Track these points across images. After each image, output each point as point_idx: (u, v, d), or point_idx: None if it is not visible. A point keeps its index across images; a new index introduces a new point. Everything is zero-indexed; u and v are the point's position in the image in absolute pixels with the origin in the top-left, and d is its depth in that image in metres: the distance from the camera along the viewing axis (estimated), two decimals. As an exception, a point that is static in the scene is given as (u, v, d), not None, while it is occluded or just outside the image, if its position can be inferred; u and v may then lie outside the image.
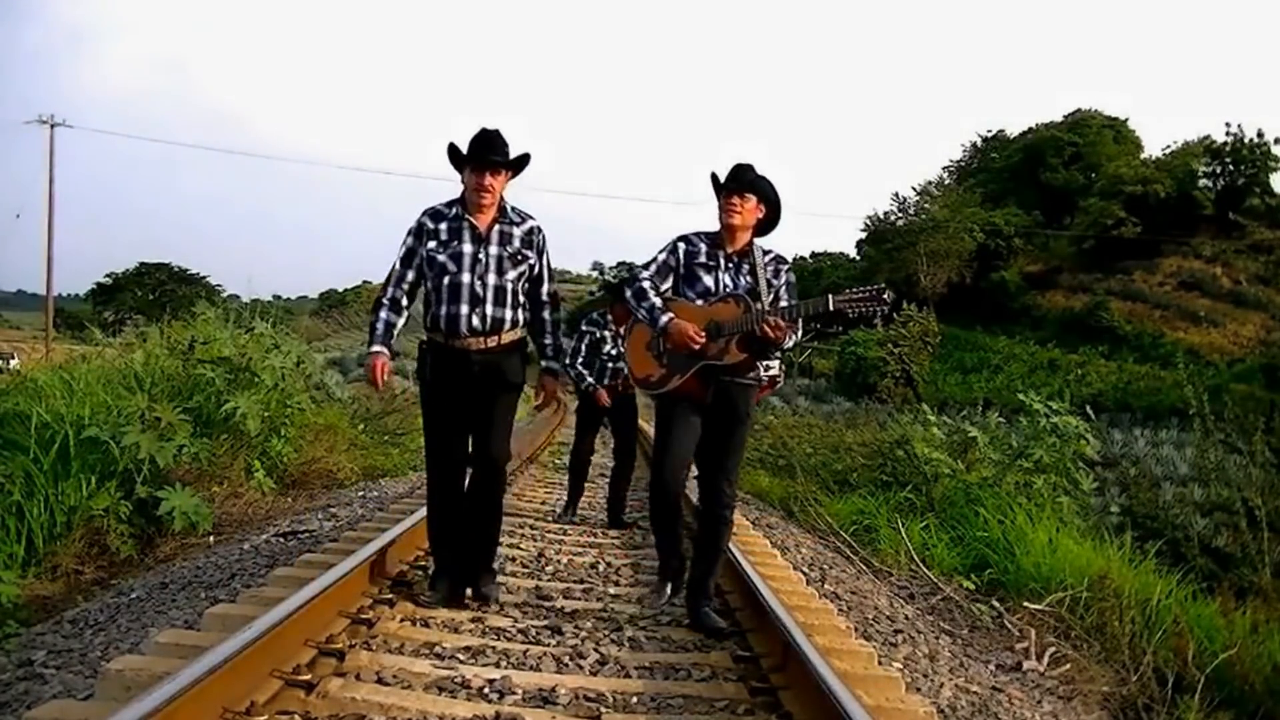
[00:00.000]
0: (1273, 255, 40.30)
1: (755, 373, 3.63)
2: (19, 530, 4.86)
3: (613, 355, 6.16)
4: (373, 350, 3.60)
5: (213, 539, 5.55)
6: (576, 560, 4.93)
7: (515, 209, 3.69)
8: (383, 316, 3.65)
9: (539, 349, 3.81)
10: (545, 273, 3.74)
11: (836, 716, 2.37)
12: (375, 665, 2.87)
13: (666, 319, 3.53)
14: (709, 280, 3.60)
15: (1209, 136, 44.31)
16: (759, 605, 3.40)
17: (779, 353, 3.65)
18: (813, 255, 57.08)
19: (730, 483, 3.64)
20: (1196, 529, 9.76)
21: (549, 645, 3.33)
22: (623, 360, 5.90)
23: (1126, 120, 50.42)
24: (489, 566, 3.78)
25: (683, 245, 3.68)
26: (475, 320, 3.53)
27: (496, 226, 3.61)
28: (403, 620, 3.41)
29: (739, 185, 3.58)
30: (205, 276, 48.44)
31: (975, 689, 3.63)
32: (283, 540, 5.12)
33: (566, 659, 3.16)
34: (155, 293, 45.21)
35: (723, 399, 3.57)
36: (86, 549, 5.06)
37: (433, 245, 3.58)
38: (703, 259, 3.63)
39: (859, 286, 3.35)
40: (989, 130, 55.33)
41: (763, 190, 3.60)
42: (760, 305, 3.45)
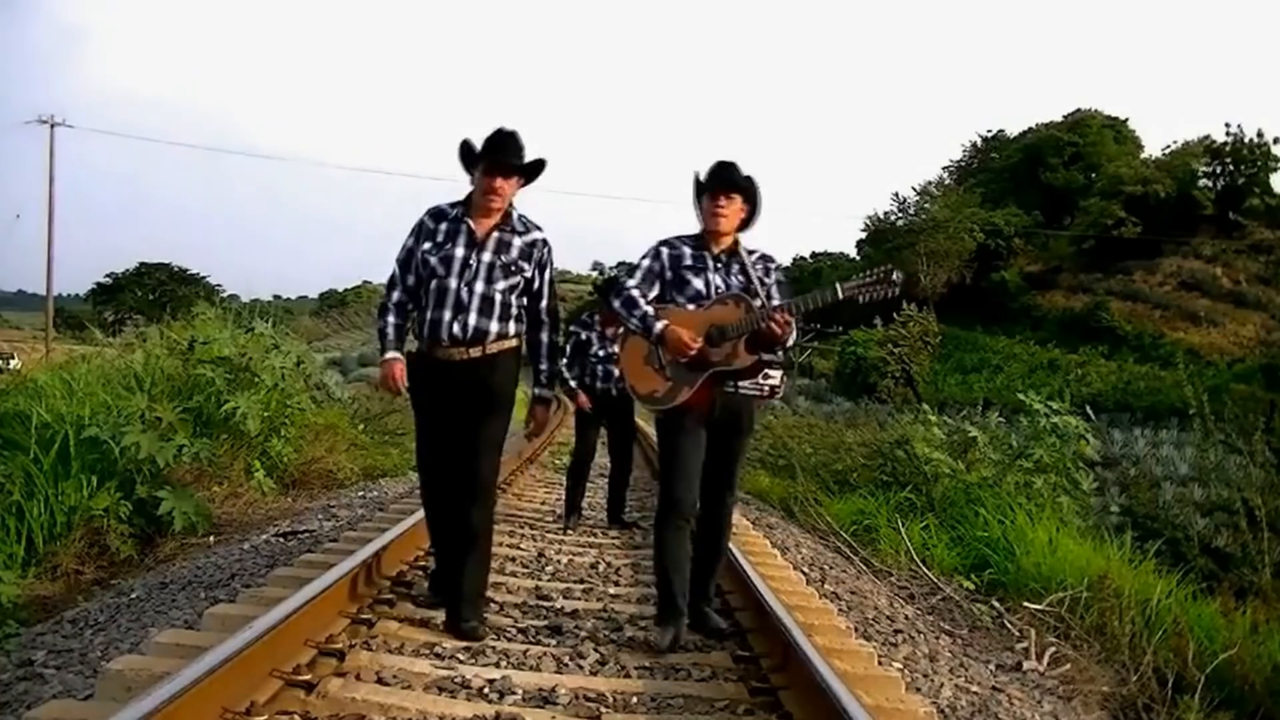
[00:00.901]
0: (1273, 255, 40.31)
1: (759, 380, 3.51)
2: (19, 530, 4.86)
3: (600, 356, 5.95)
4: (386, 358, 3.44)
5: (213, 539, 5.55)
6: (576, 560, 4.93)
7: (524, 218, 3.46)
8: (390, 321, 3.48)
9: (534, 375, 3.54)
10: (544, 289, 3.49)
11: (836, 716, 2.37)
12: (375, 665, 2.87)
13: (661, 327, 3.33)
14: (698, 283, 3.44)
15: (1209, 136, 44.40)
16: (759, 605, 3.40)
17: (782, 351, 3.61)
18: (813, 255, 57.16)
19: (732, 489, 3.57)
20: (1196, 529, 9.76)
21: (549, 645, 3.33)
22: (610, 362, 5.82)
23: (1126, 120, 50.52)
24: (471, 600, 3.36)
25: (665, 250, 3.51)
26: (456, 328, 3.29)
27: (496, 233, 3.38)
28: (403, 620, 3.41)
29: (725, 185, 3.43)
30: (205, 276, 48.49)
31: (975, 689, 3.63)
32: (283, 540, 5.12)
33: (566, 659, 3.16)
34: (155, 293, 45.20)
35: (727, 410, 3.43)
36: (86, 549, 5.06)
37: (428, 246, 3.37)
38: (689, 261, 3.47)
39: (865, 272, 3.27)
40: (989, 130, 55.43)
41: (747, 189, 3.46)
42: (761, 304, 3.33)
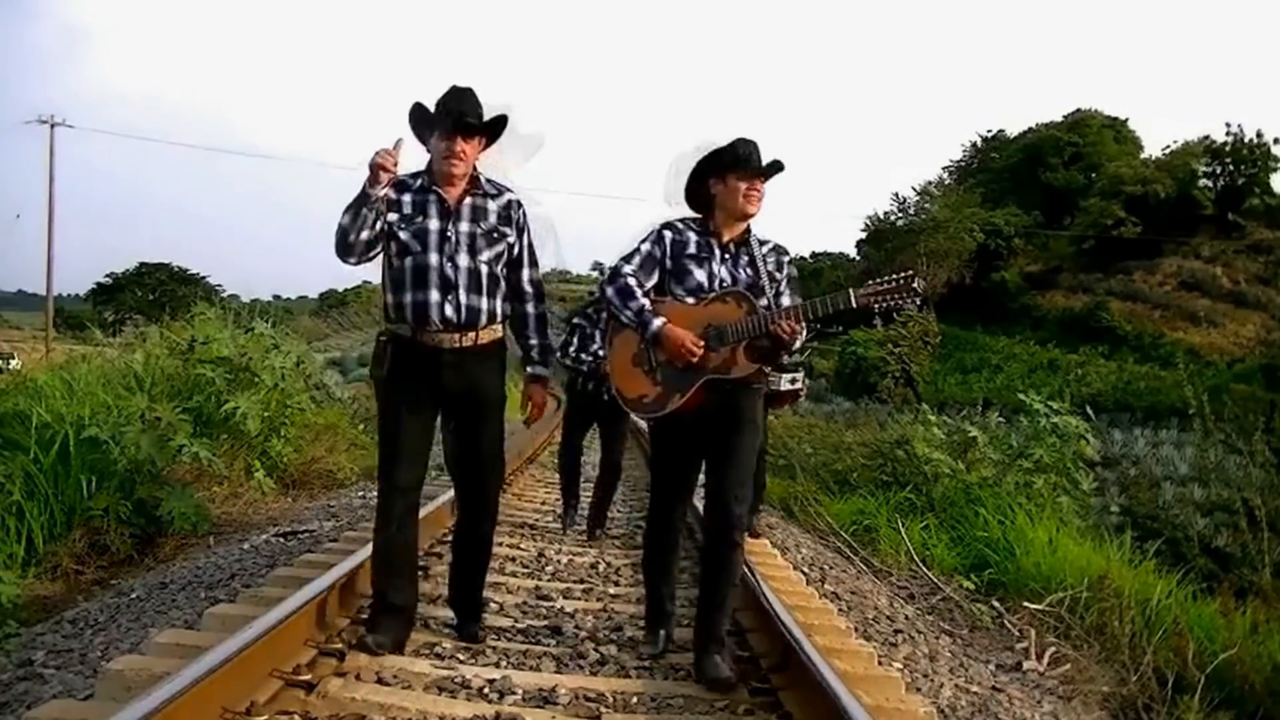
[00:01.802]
0: (1273, 255, 40.29)
1: (762, 379, 3.18)
2: (19, 530, 4.86)
3: (600, 356, 5.62)
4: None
5: (213, 539, 5.55)
6: (576, 560, 4.93)
7: (490, 180, 3.17)
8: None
9: (523, 350, 3.24)
10: (526, 255, 3.19)
11: (836, 716, 2.37)
12: (375, 665, 2.87)
13: (658, 325, 2.99)
14: (701, 274, 3.08)
15: (1209, 136, 44.29)
16: (759, 605, 3.40)
17: (788, 356, 3.25)
18: (813, 255, 57.04)
19: (739, 500, 3.02)
20: (1196, 529, 9.76)
21: (549, 645, 3.33)
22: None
23: (1126, 120, 50.37)
24: (474, 612, 3.30)
25: (669, 234, 3.14)
26: (449, 310, 2.98)
27: (468, 199, 3.07)
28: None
29: (766, 170, 3.05)
30: (205, 276, 48.41)
31: (975, 689, 3.63)
32: (283, 540, 5.12)
33: (566, 659, 3.17)
34: (155, 293, 45.13)
35: (724, 404, 3.04)
36: (86, 549, 5.06)
37: (394, 218, 3.02)
38: (692, 249, 3.10)
39: (883, 278, 2.86)
40: (989, 130, 55.26)
41: (774, 175, 3.09)
42: (768, 303, 2.99)
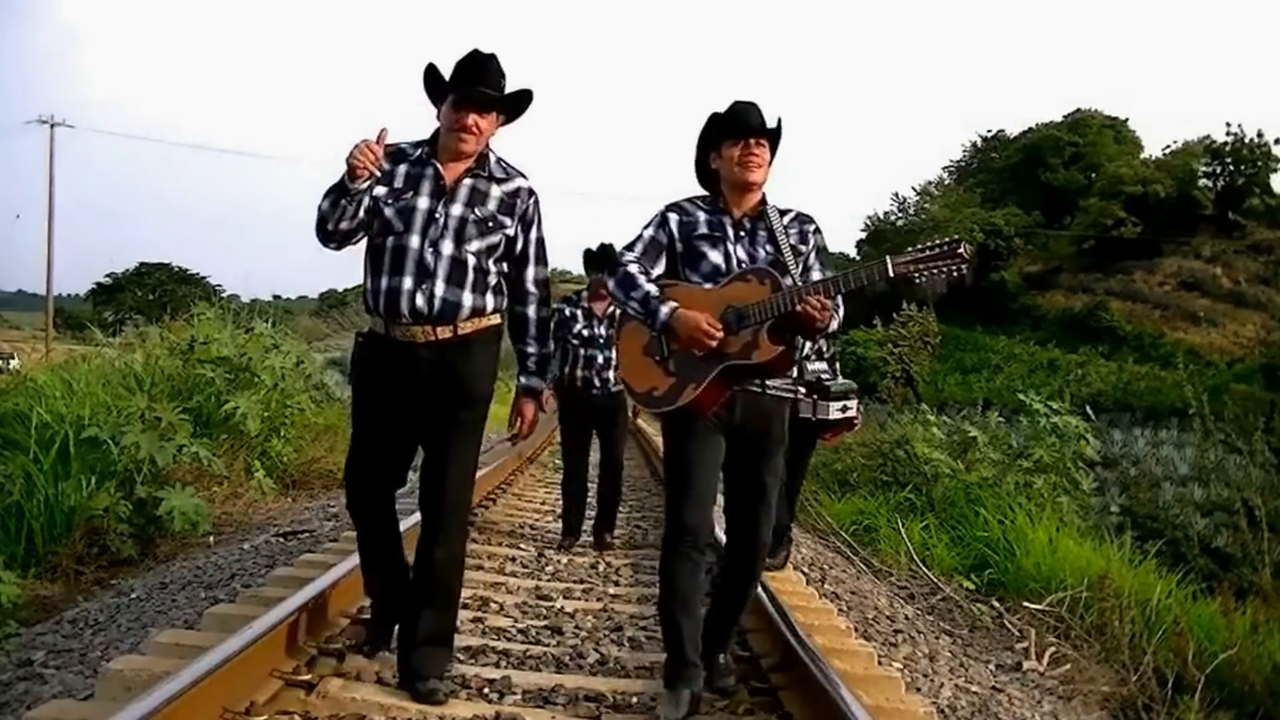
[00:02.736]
0: (1273, 255, 40.31)
1: (791, 376, 2.85)
2: (19, 530, 4.86)
3: (584, 337, 5.10)
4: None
5: (213, 539, 5.56)
6: (576, 560, 4.93)
7: (502, 162, 2.81)
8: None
9: (518, 358, 2.90)
10: (533, 251, 2.82)
11: (836, 716, 2.37)
12: (375, 665, 2.86)
13: (668, 310, 2.66)
14: (716, 256, 2.76)
15: (1209, 136, 44.33)
16: (759, 605, 3.40)
17: (821, 340, 2.89)
18: (813, 255, 57.01)
19: (768, 511, 2.79)
20: (1196, 529, 9.75)
21: (549, 645, 3.33)
22: (597, 347, 5.11)
23: (1126, 120, 50.32)
24: (430, 651, 2.72)
25: (675, 216, 2.84)
26: (419, 300, 2.63)
27: (468, 180, 2.72)
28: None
29: (761, 130, 2.76)
30: (205, 277, 48.38)
31: (975, 689, 3.62)
32: (283, 540, 5.12)
33: (566, 659, 3.16)
34: (155, 293, 45.11)
35: (751, 416, 2.72)
36: (86, 549, 5.06)
37: (382, 192, 2.69)
38: (703, 230, 2.79)
39: (926, 244, 2.49)
40: (989, 130, 55.22)
41: (776, 137, 2.81)
42: (792, 279, 2.66)
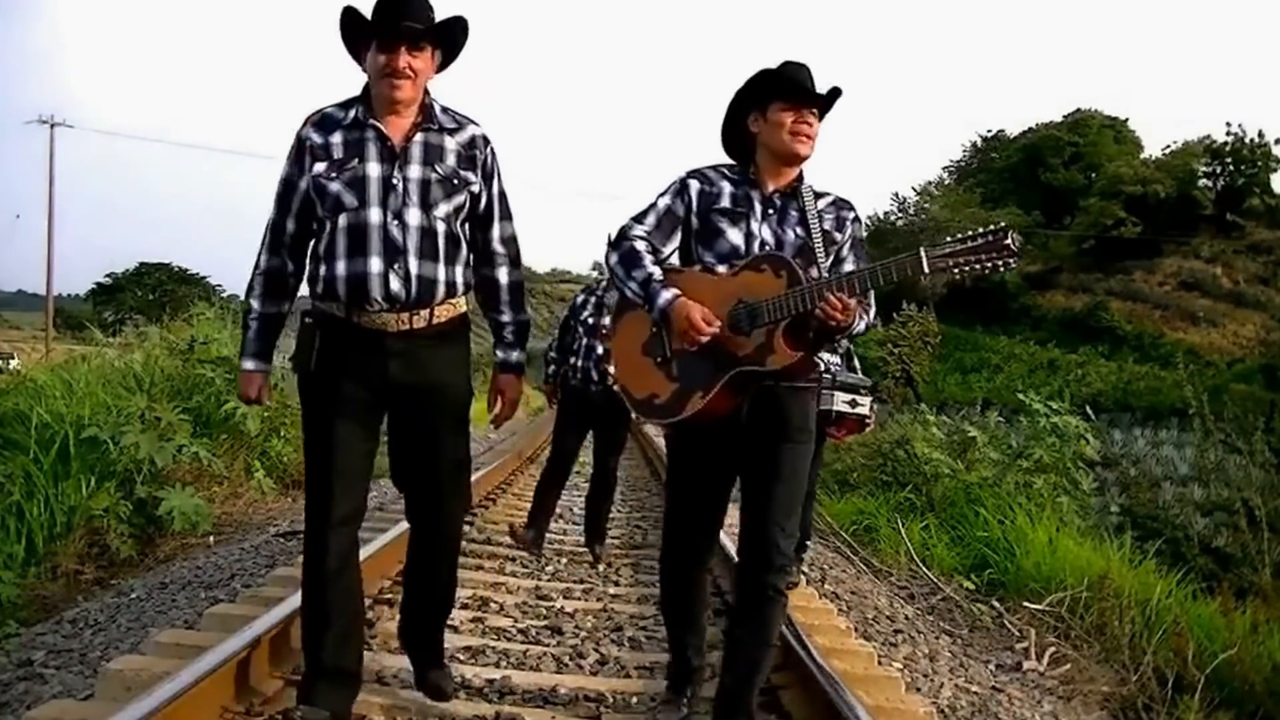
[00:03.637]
0: (1273, 255, 40.32)
1: (812, 372, 2.52)
2: (19, 530, 4.86)
3: (588, 325, 4.73)
4: (245, 368, 2.45)
5: (213, 539, 5.56)
6: (576, 560, 4.92)
7: (449, 110, 2.45)
8: (255, 308, 2.42)
9: (493, 329, 2.54)
10: (497, 206, 2.48)
11: (836, 716, 2.37)
12: (375, 665, 2.87)
13: (669, 298, 2.32)
14: (736, 235, 2.40)
15: (1209, 136, 44.36)
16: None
17: (847, 341, 2.44)
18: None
19: (785, 532, 2.35)
20: (1196, 529, 9.77)
21: (549, 645, 3.33)
22: (599, 337, 4.71)
23: (1126, 120, 50.38)
24: (436, 661, 2.62)
25: (696, 184, 2.47)
26: (394, 283, 2.27)
27: (419, 135, 2.35)
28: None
29: (810, 98, 2.36)
30: (205, 277, 48.37)
31: (975, 689, 3.62)
32: (283, 540, 5.12)
33: (566, 659, 3.16)
34: (155, 293, 45.10)
35: (765, 408, 2.37)
36: (86, 549, 5.06)
37: (321, 168, 2.31)
38: (726, 203, 2.43)
39: (966, 233, 2.16)
40: (989, 130, 55.28)
41: (830, 105, 2.42)
42: (818, 269, 2.33)
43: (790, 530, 2.37)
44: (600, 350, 4.70)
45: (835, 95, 2.39)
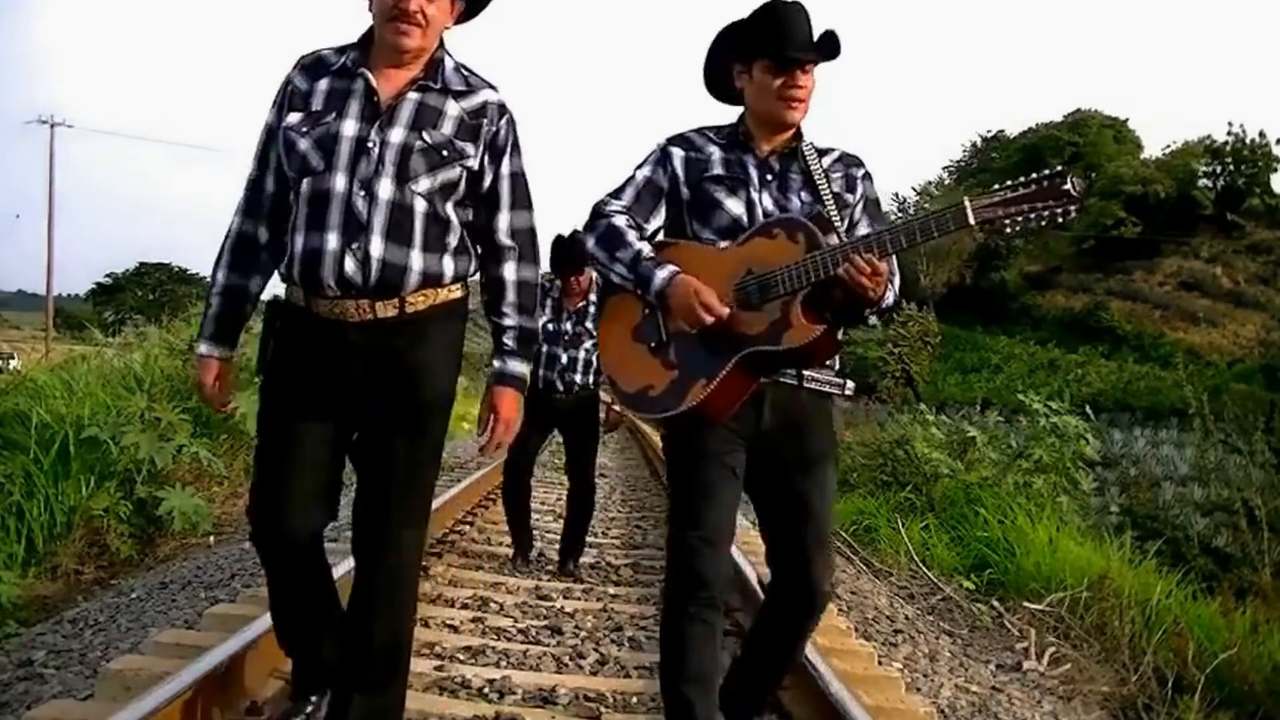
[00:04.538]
0: (1273, 255, 40.35)
1: (835, 365, 2.13)
2: (19, 530, 4.86)
3: (547, 331, 4.32)
4: (199, 352, 2.10)
5: (213, 539, 5.56)
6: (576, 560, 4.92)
7: (463, 69, 2.05)
8: (219, 280, 2.07)
9: (494, 335, 2.11)
10: (506, 191, 2.05)
11: (836, 717, 2.37)
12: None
13: (666, 275, 2.00)
14: (737, 205, 2.07)
15: (1209, 136, 44.42)
16: (758, 605, 3.40)
17: (876, 317, 2.01)
18: (813, 255, 57.06)
19: (824, 547, 2.08)
20: (1196, 529, 9.75)
21: (549, 645, 3.33)
22: (560, 344, 4.35)
23: (1126, 120, 50.42)
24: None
25: (679, 151, 2.14)
26: (349, 264, 1.90)
27: (414, 95, 1.97)
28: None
29: (802, 49, 2.01)
30: (205, 277, 48.33)
31: (975, 689, 3.62)
32: (283, 540, 5.12)
33: (566, 659, 3.16)
34: (155, 293, 45.16)
35: (784, 418, 2.05)
36: (86, 549, 5.06)
37: (295, 119, 1.96)
38: (718, 170, 2.09)
39: (1020, 179, 1.82)
40: (989, 130, 55.33)
41: (831, 54, 2.06)
42: (838, 236, 1.98)
43: (825, 560, 2.08)
44: (565, 358, 4.37)
45: (834, 47, 2.04)
